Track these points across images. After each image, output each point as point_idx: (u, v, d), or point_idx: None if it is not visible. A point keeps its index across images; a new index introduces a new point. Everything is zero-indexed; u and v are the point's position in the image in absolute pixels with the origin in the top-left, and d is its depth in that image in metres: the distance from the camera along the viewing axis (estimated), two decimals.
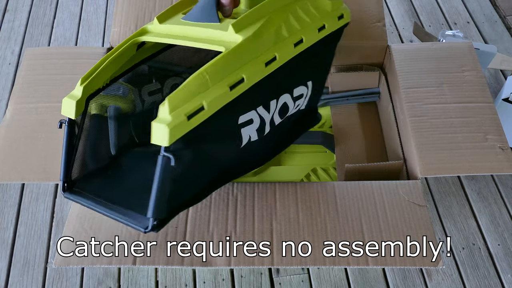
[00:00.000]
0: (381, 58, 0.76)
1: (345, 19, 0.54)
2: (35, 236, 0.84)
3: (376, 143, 0.76)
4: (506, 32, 1.19)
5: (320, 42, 0.51)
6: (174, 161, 0.39)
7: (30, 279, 0.79)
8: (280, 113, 0.53)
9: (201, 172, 0.48)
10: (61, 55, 0.71)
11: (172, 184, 0.42)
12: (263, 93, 0.48)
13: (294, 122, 0.60)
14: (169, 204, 0.43)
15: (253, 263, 0.52)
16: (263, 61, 0.45)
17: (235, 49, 0.43)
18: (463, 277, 0.80)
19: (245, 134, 0.49)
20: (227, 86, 0.42)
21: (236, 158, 0.52)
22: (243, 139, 0.49)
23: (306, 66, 0.52)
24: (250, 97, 0.45)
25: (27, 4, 1.24)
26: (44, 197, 0.89)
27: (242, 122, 0.47)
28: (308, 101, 0.59)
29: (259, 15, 0.46)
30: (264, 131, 0.52)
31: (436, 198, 0.89)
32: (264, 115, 0.50)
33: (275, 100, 0.51)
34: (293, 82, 0.53)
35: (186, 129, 0.39)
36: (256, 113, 0.49)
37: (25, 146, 0.60)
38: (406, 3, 1.26)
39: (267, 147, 0.58)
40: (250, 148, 0.52)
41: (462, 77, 0.68)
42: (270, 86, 0.47)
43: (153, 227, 0.43)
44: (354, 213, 0.55)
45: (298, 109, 0.58)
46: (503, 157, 0.59)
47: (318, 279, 0.79)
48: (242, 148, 0.50)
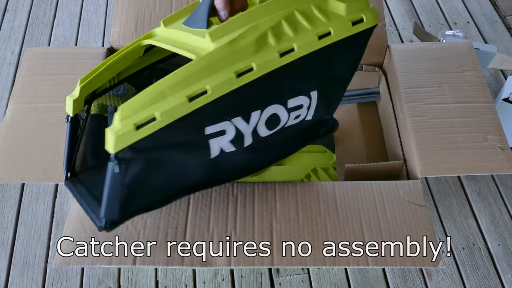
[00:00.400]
0: (381, 58, 0.76)
1: (366, 24, 0.47)
2: (35, 236, 0.84)
3: (376, 143, 0.76)
4: (506, 32, 1.19)
5: (323, 50, 0.46)
6: (119, 169, 0.40)
7: (30, 279, 0.79)
8: (269, 124, 0.50)
9: (163, 179, 0.47)
10: (61, 55, 0.71)
11: (125, 189, 0.43)
12: (238, 104, 0.45)
13: (301, 132, 0.57)
14: (124, 207, 0.45)
15: (253, 263, 0.52)
16: (236, 72, 0.42)
17: (203, 59, 0.41)
18: (463, 277, 0.80)
19: (214, 145, 0.47)
20: (186, 97, 0.40)
21: (210, 167, 0.50)
22: (211, 150, 0.47)
23: (304, 76, 0.48)
24: (219, 108, 0.43)
25: (27, 4, 1.24)
26: (44, 197, 0.89)
27: (211, 133, 0.45)
28: (315, 112, 0.54)
29: (244, 21, 0.44)
30: (243, 143, 0.50)
31: (436, 198, 0.89)
32: (241, 126, 0.47)
33: (259, 111, 0.48)
34: (286, 93, 0.49)
35: (134, 138, 0.39)
36: (230, 124, 0.46)
37: (25, 146, 0.60)
38: (406, 3, 1.26)
39: (262, 155, 0.56)
40: (230, 158, 0.50)
41: (462, 77, 0.68)
42: (248, 97, 0.45)
43: (104, 227, 0.45)
44: (354, 213, 0.55)
45: (303, 119, 0.54)
46: (503, 157, 0.59)
47: (318, 279, 0.79)
48: (216, 159, 0.48)
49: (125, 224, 0.53)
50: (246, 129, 0.48)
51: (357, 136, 0.76)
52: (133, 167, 0.42)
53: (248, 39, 0.42)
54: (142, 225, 0.54)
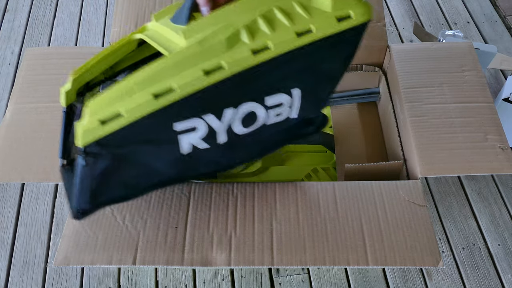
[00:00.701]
0: (381, 58, 0.76)
1: (355, 20, 0.45)
2: (35, 236, 0.84)
3: (376, 143, 0.76)
4: (506, 32, 1.19)
5: (304, 48, 0.44)
6: (87, 162, 0.42)
7: (30, 279, 0.79)
8: (245, 122, 0.49)
9: (133, 174, 0.48)
10: (61, 55, 0.71)
11: (95, 181, 0.45)
12: (209, 101, 0.45)
13: (285, 130, 0.55)
14: (95, 198, 0.47)
15: (253, 263, 0.52)
16: (204, 70, 0.41)
17: (173, 56, 0.41)
18: (463, 277, 0.80)
19: (185, 142, 0.47)
20: (152, 95, 0.40)
21: (184, 162, 0.50)
22: (182, 147, 0.47)
23: (284, 74, 0.47)
24: (188, 105, 0.43)
25: (27, 4, 1.24)
26: (44, 197, 0.89)
27: (180, 129, 0.45)
28: (301, 110, 0.53)
29: (220, 19, 0.43)
30: (216, 140, 0.49)
31: (436, 198, 0.89)
32: (213, 124, 0.47)
33: (232, 109, 0.47)
34: (263, 90, 0.48)
35: (100, 134, 0.40)
36: (201, 121, 0.46)
37: (25, 146, 0.60)
38: (406, 3, 1.26)
39: (243, 152, 0.55)
40: (207, 154, 0.50)
41: (462, 77, 0.67)
42: (220, 94, 0.44)
43: (76, 216, 0.48)
44: (354, 213, 0.55)
45: (287, 118, 0.53)
46: (503, 157, 0.59)
47: (318, 279, 0.79)
48: (190, 155, 0.48)
49: (125, 224, 0.54)
50: (219, 127, 0.48)
51: (357, 136, 0.76)
52: (101, 162, 0.43)
53: (219, 37, 0.42)
54: (142, 225, 0.54)
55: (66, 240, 0.53)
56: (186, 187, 0.57)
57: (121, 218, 0.54)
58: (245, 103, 0.47)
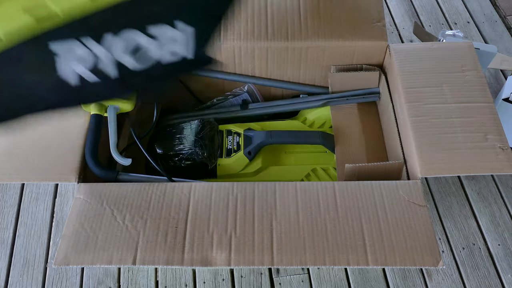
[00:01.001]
0: (381, 58, 0.76)
1: None
2: (35, 236, 0.84)
3: (376, 143, 0.76)
4: (506, 32, 1.19)
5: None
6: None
7: (30, 279, 0.79)
8: (135, 54, 0.50)
9: (14, 93, 0.49)
10: None
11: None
12: (87, 23, 0.46)
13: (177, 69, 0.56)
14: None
15: (253, 263, 0.52)
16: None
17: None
18: (463, 277, 0.80)
19: (66, 68, 0.47)
20: (25, 11, 0.42)
21: (73, 93, 0.51)
22: (67, 75, 0.48)
23: (161, 5, 0.48)
24: (66, 27, 0.44)
25: None
26: (44, 197, 0.89)
27: (57, 51, 0.46)
28: (193, 49, 0.53)
29: None
30: (105, 73, 0.50)
31: (436, 198, 0.89)
32: (94, 48, 0.47)
33: (111, 34, 0.47)
34: (143, 20, 0.49)
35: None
36: (79, 43, 0.46)
37: (25, 146, 0.60)
38: (406, 3, 1.26)
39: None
40: (102, 89, 0.52)
41: (462, 77, 0.67)
42: (98, 20, 0.45)
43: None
44: (354, 213, 0.55)
45: (183, 58, 0.54)
46: (503, 157, 0.59)
47: (318, 279, 0.79)
48: (79, 87, 0.49)
49: (125, 224, 0.54)
50: (103, 54, 0.48)
51: (357, 136, 0.76)
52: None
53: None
54: (142, 225, 0.54)
55: (66, 240, 0.53)
56: (186, 187, 0.57)
57: (121, 218, 0.54)
58: (127, 30, 0.48)
